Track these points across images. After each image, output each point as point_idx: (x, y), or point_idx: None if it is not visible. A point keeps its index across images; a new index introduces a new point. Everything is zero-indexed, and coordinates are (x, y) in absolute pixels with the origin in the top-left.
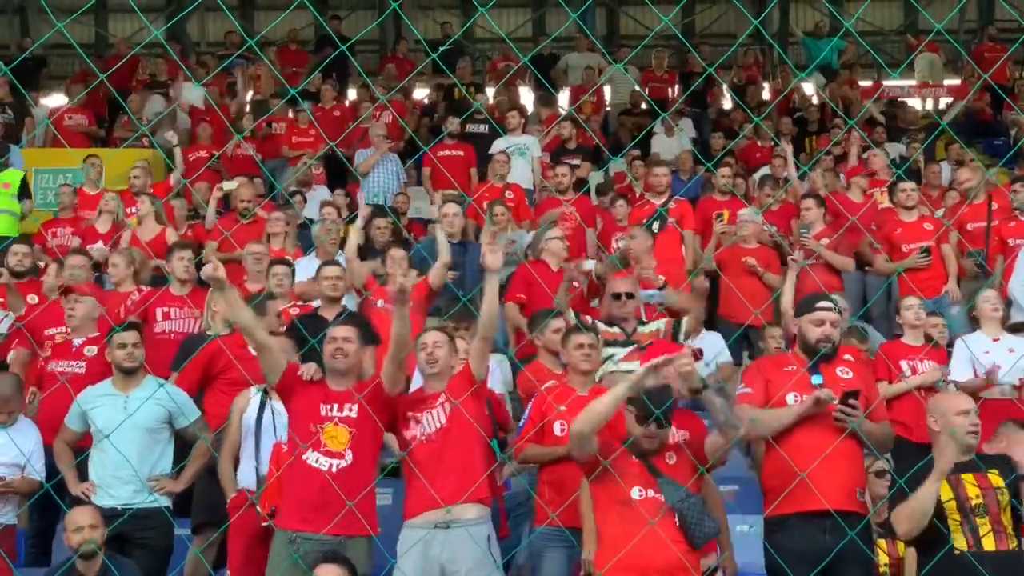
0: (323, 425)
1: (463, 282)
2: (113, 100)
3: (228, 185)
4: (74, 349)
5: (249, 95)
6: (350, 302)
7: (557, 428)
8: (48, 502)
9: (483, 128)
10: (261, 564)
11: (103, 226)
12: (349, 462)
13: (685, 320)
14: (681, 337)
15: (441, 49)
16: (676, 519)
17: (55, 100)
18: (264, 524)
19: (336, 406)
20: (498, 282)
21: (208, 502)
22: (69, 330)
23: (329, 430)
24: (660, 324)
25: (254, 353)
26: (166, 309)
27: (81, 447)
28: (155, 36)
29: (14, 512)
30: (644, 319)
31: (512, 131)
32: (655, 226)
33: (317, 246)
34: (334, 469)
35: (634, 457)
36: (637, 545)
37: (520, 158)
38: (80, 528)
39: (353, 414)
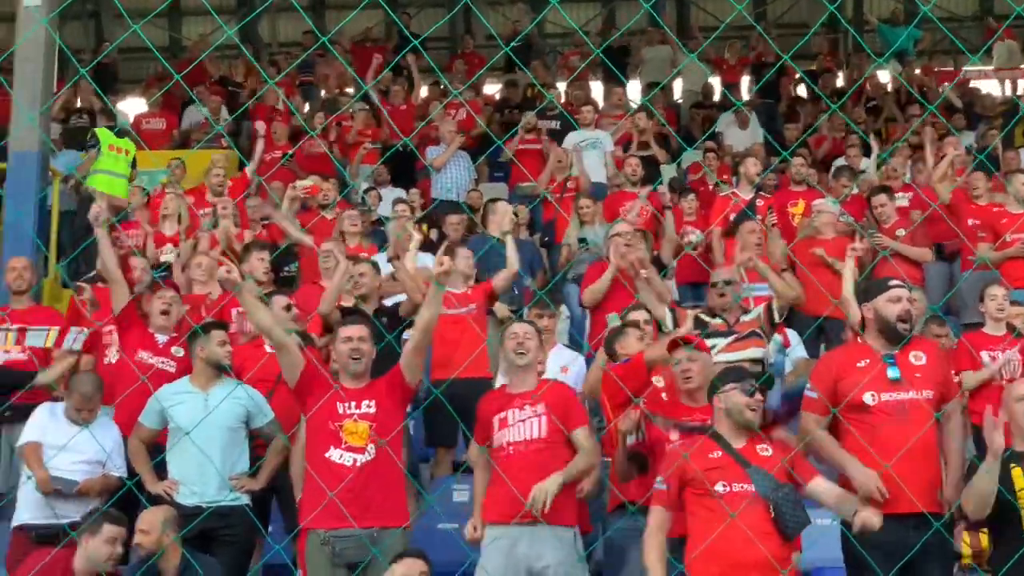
0: (342, 422)
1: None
2: (189, 103)
3: (303, 183)
4: (161, 346)
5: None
6: None
7: None
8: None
9: (555, 124)
10: None
11: (169, 229)
12: (372, 456)
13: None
14: (776, 316)
15: (512, 44)
16: (771, 510)
17: (132, 104)
18: None
19: (354, 403)
20: None
21: None
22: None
23: (349, 427)
24: (759, 310)
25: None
26: (241, 309)
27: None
28: (228, 36)
29: None
30: (750, 308)
31: (586, 126)
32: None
33: (391, 242)
34: (358, 464)
35: (721, 451)
36: (728, 539)
37: (592, 151)
38: (146, 530)
39: (372, 409)
